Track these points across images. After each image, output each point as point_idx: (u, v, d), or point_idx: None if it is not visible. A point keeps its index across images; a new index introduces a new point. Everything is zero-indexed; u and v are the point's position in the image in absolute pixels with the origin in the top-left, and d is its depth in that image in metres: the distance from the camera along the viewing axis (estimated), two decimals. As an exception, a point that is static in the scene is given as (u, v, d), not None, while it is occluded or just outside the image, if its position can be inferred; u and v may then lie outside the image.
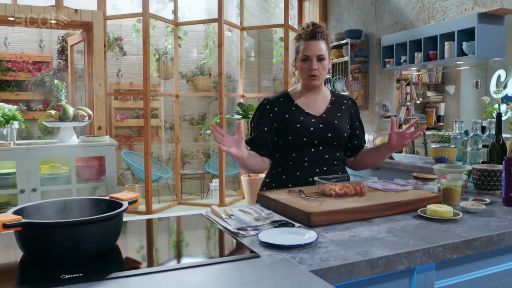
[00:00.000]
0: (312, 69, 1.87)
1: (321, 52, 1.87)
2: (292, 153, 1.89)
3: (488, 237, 1.29)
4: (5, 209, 3.06)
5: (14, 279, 1.05)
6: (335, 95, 2.04)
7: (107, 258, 1.13)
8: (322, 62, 1.88)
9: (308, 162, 1.89)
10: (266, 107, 1.98)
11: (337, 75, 4.96)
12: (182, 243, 1.34)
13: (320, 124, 1.89)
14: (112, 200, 1.25)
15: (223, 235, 1.31)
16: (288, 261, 1.06)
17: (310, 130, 1.87)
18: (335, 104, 1.99)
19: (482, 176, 1.84)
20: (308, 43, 1.87)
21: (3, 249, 1.25)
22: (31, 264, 1.09)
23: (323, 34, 1.89)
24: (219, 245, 1.27)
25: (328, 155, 1.91)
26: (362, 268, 1.08)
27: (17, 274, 1.07)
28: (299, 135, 1.87)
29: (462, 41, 3.53)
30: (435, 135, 3.76)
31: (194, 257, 1.17)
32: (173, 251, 1.25)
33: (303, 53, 1.88)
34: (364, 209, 1.45)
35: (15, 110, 3.11)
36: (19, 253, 1.12)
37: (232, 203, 5.36)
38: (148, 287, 0.93)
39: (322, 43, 1.88)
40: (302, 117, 1.90)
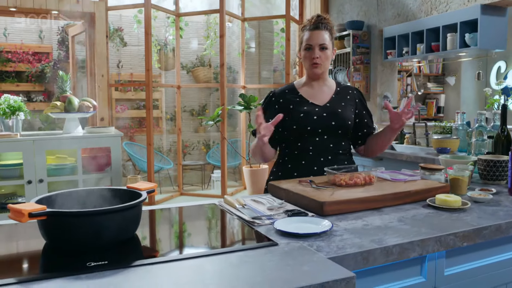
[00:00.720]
0: (314, 57, 1.91)
1: (324, 41, 1.90)
2: (297, 143, 1.93)
3: (496, 226, 1.32)
4: (12, 199, 3.08)
5: (37, 267, 1.08)
6: (340, 85, 2.07)
7: (128, 247, 1.15)
8: (325, 51, 1.91)
9: (312, 151, 1.92)
10: (272, 99, 2.02)
11: (339, 66, 4.98)
12: (200, 232, 1.37)
13: (324, 113, 1.92)
14: (130, 190, 1.28)
15: (239, 224, 1.34)
16: (306, 249, 1.09)
17: (313, 118, 1.90)
18: (339, 94, 2.01)
19: (487, 166, 1.87)
20: (311, 33, 1.91)
21: (24, 237, 1.28)
22: (54, 252, 1.12)
23: (327, 25, 1.93)
24: (236, 234, 1.30)
25: (333, 144, 1.93)
26: (377, 255, 1.11)
27: (41, 261, 1.10)
28: (303, 124, 1.90)
29: (465, 33, 3.55)
30: (437, 126, 3.79)
31: (213, 245, 1.20)
32: (192, 240, 1.28)
33: (306, 42, 1.92)
34: (375, 198, 1.48)
35: (20, 102, 3.12)
36: (37, 241, 1.15)
37: (233, 193, 5.39)
38: (170, 274, 0.95)
39: (325, 33, 1.91)
40: (306, 106, 1.93)
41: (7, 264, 1.08)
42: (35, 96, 6.59)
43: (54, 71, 6.57)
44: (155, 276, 0.94)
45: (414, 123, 4.12)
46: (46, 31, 6.63)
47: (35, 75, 6.50)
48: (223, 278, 0.93)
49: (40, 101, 6.60)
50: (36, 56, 6.57)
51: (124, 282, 0.91)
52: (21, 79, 6.54)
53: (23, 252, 1.20)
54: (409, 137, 4.10)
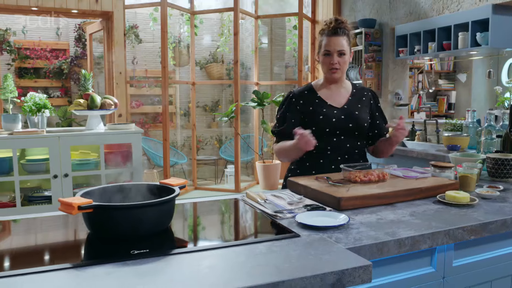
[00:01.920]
0: (333, 63, 2.00)
1: (342, 47, 1.98)
2: None
3: (502, 221, 1.42)
4: (38, 193, 3.23)
5: (85, 254, 1.20)
6: (356, 87, 2.16)
7: (163, 237, 1.27)
8: (343, 56, 2.00)
9: (330, 151, 2.02)
10: (292, 100, 2.11)
11: (351, 64, 5.05)
12: (227, 224, 1.48)
13: (342, 115, 2.02)
14: (163, 185, 1.40)
15: (263, 217, 1.45)
16: (325, 240, 1.20)
17: (332, 121, 2.00)
18: (355, 96, 2.11)
19: (496, 164, 1.96)
20: (329, 39, 1.99)
21: (65, 228, 1.41)
22: (97, 241, 1.24)
23: (345, 30, 2.01)
24: (262, 226, 1.41)
25: (349, 144, 2.04)
26: (391, 246, 1.22)
27: (87, 249, 1.23)
28: (322, 126, 2.00)
29: (476, 32, 3.61)
30: (448, 124, 3.87)
31: (241, 236, 1.31)
32: (221, 231, 1.40)
33: (325, 48, 2.00)
34: (388, 194, 1.59)
35: (46, 99, 3.26)
36: (77, 231, 1.27)
37: (246, 188, 5.52)
38: (205, 261, 1.07)
39: (343, 39, 1.99)
40: (325, 109, 2.03)
41: (57, 251, 1.21)
42: (52, 92, 6.76)
43: (71, 67, 6.73)
44: (191, 263, 1.06)
45: (425, 120, 4.20)
46: (63, 28, 6.79)
47: (52, 72, 6.67)
48: (254, 264, 1.05)
49: (57, 96, 6.77)
50: (54, 52, 6.73)
51: (166, 267, 1.03)
52: (39, 75, 6.71)
53: (68, 240, 1.33)
54: (420, 134, 4.17)
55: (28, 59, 6.59)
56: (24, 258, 1.15)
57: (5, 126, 3.20)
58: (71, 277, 0.98)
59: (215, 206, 1.68)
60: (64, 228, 1.42)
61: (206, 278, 0.97)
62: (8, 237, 1.35)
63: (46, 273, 1.00)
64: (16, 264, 1.09)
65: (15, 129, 3.17)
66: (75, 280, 0.97)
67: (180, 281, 0.96)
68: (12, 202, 3.09)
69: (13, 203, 3.07)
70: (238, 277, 0.98)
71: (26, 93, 6.43)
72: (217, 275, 1.00)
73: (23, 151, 3.27)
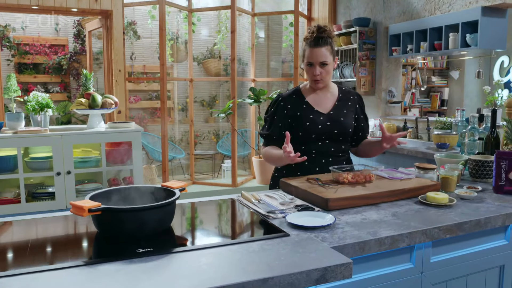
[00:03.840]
0: (316, 75, 2.07)
1: (324, 59, 2.05)
2: (301, 146, 2.11)
3: (476, 221, 1.55)
4: (42, 189, 3.34)
5: (94, 252, 1.32)
6: (342, 91, 2.24)
7: (165, 236, 1.39)
8: (325, 67, 2.07)
9: (315, 154, 2.12)
10: (281, 103, 2.17)
11: (346, 61, 5.16)
12: (223, 224, 1.61)
13: (328, 122, 2.11)
14: (165, 188, 1.52)
15: (256, 217, 1.57)
16: (313, 239, 1.33)
17: (318, 127, 2.09)
18: (342, 101, 2.19)
19: (476, 166, 2.09)
20: (311, 50, 2.05)
21: (74, 228, 1.53)
22: (105, 240, 1.36)
23: (327, 39, 2.06)
24: (255, 226, 1.53)
25: (334, 148, 2.14)
26: (372, 245, 1.34)
27: (94, 248, 1.35)
28: (309, 131, 2.09)
29: (466, 33, 3.72)
30: (438, 122, 3.99)
31: (236, 235, 1.44)
32: (218, 230, 1.52)
33: (307, 60, 2.08)
34: (373, 195, 1.71)
35: (48, 98, 3.36)
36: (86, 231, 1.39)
37: (243, 182, 5.64)
38: (203, 259, 1.19)
39: (325, 49, 2.05)
40: (312, 115, 2.11)
41: (69, 249, 1.33)
42: (52, 87, 6.85)
43: (70, 63, 6.81)
44: (191, 260, 1.18)
45: (416, 118, 4.33)
46: (62, 24, 6.85)
47: (52, 67, 6.75)
48: (248, 261, 1.17)
49: (56, 92, 6.85)
50: (53, 48, 6.80)
51: (169, 265, 1.15)
52: (38, 71, 6.79)
53: (79, 239, 1.45)
54: (411, 132, 4.31)
55: (27, 55, 6.66)
56: (39, 256, 1.26)
57: (9, 124, 3.31)
58: (84, 273, 1.10)
59: (213, 206, 1.80)
60: (74, 228, 1.53)
61: (205, 274, 1.10)
62: (22, 236, 1.47)
63: (62, 270, 1.12)
64: (32, 261, 1.21)
65: (18, 127, 3.28)
66: (88, 276, 1.09)
67: (182, 277, 1.08)
68: (17, 198, 3.21)
69: (18, 199, 3.19)
70: (233, 273, 1.10)
71: (26, 88, 6.56)
72: (215, 271, 1.12)
73: (27, 149, 3.39)
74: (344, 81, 5.23)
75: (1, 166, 3.17)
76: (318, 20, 5.80)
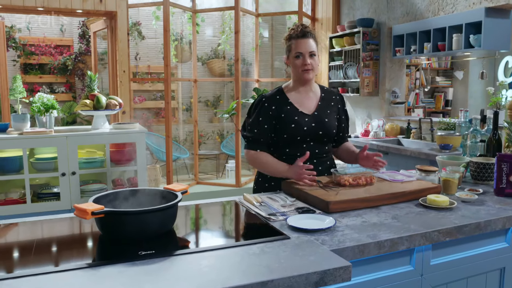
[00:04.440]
0: (306, 64, 2.06)
1: (312, 49, 2.06)
2: (285, 148, 2.10)
3: (476, 224, 1.55)
4: (47, 189, 3.38)
5: (98, 254, 1.34)
6: (324, 90, 2.22)
7: (167, 238, 1.41)
8: (314, 57, 2.08)
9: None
10: (265, 105, 2.11)
11: (349, 62, 5.16)
12: (225, 226, 1.63)
13: (312, 123, 2.09)
14: (167, 191, 1.54)
15: (257, 219, 1.59)
16: (312, 242, 1.34)
17: (303, 129, 2.07)
18: (324, 101, 2.18)
19: (478, 168, 2.10)
20: (300, 41, 2.06)
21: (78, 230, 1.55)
22: (108, 242, 1.38)
23: (312, 34, 2.09)
24: (256, 228, 1.55)
25: (318, 150, 2.12)
26: (371, 248, 1.36)
27: (98, 250, 1.37)
28: (293, 133, 2.07)
29: (470, 34, 3.71)
30: (442, 122, 3.99)
31: (237, 238, 1.45)
32: (220, 233, 1.54)
33: (296, 50, 2.06)
34: (374, 198, 1.72)
35: (53, 100, 3.39)
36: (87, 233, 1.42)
37: (247, 183, 5.66)
38: (204, 261, 1.21)
39: (312, 41, 2.08)
40: (296, 116, 2.08)
41: (73, 251, 1.35)
42: (57, 88, 6.90)
43: (75, 63, 6.86)
44: (192, 262, 1.20)
45: (420, 119, 4.33)
46: (67, 25, 6.90)
47: (57, 68, 6.79)
48: (248, 264, 1.19)
49: (62, 92, 6.90)
50: (58, 49, 6.85)
51: (171, 267, 1.17)
52: (44, 71, 6.84)
53: (83, 241, 1.47)
54: (415, 132, 4.31)
55: (33, 55, 6.71)
56: (43, 258, 1.29)
57: (14, 125, 3.34)
58: (88, 276, 1.13)
59: (215, 208, 1.82)
60: (79, 229, 1.56)
61: (206, 276, 1.12)
62: (27, 238, 1.50)
63: (65, 272, 1.14)
64: (37, 263, 1.23)
65: (24, 128, 3.32)
66: (91, 278, 1.11)
67: (183, 279, 1.10)
68: (22, 198, 3.24)
69: (23, 200, 3.22)
70: (234, 276, 1.12)
71: (31, 88, 6.61)
72: (216, 273, 1.14)
73: (33, 150, 3.42)
74: (348, 81, 5.23)
75: (7, 167, 3.21)
76: (321, 20, 5.81)
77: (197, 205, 1.82)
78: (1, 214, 3.08)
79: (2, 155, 3.23)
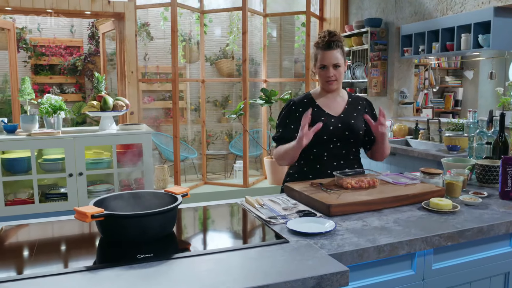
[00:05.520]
0: (329, 76, 2.12)
1: (337, 61, 2.11)
2: (313, 148, 2.13)
3: (479, 228, 1.54)
4: (54, 190, 3.41)
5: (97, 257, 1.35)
6: (352, 96, 2.29)
7: (167, 241, 1.42)
8: (338, 69, 2.13)
9: (327, 157, 2.15)
10: (292, 107, 2.22)
11: (357, 62, 5.14)
12: (225, 229, 1.63)
13: (339, 124, 2.14)
14: (168, 193, 1.54)
15: (258, 222, 1.59)
16: (311, 246, 1.34)
17: (329, 129, 2.12)
18: (351, 105, 2.23)
19: (483, 171, 2.07)
20: (324, 53, 2.11)
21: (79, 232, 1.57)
22: (108, 245, 1.39)
23: (338, 42, 2.12)
24: (255, 232, 1.55)
25: (345, 150, 2.16)
26: (370, 252, 1.35)
27: (97, 253, 1.38)
28: (320, 133, 2.10)
29: (478, 34, 3.67)
30: (450, 123, 3.95)
31: (236, 242, 1.45)
32: (218, 236, 1.54)
33: (321, 62, 2.13)
34: (375, 201, 1.71)
35: (61, 101, 3.43)
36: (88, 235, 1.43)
37: (255, 183, 5.66)
38: (202, 265, 1.21)
39: (337, 52, 2.11)
40: (323, 117, 2.15)
41: (73, 253, 1.37)
42: (67, 88, 6.96)
43: (85, 64, 6.92)
44: (190, 266, 1.20)
45: (428, 119, 4.29)
46: (77, 26, 6.96)
47: (67, 68, 6.86)
48: (246, 268, 1.19)
49: (72, 92, 6.96)
50: (68, 50, 6.92)
51: (168, 271, 1.18)
52: (54, 72, 6.91)
53: (83, 243, 1.49)
54: (423, 133, 4.27)
55: (43, 56, 6.78)
56: (44, 260, 1.30)
57: (23, 126, 3.38)
58: (86, 279, 1.14)
59: (216, 211, 1.82)
60: (80, 232, 1.57)
61: (202, 281, 1.12)
62: (28, 239, 1.51)
63: (64, 275, 1.15)
64: (36, 266, 1.24)
65: (32, 129, 3.35)
66: (89, 282, 1.12)
67: (180, 283, 1.10)
68: (30, 199, 3.28)
69: (31, 200, 3.26)
70: (231, 280, 1.12)
71: (42, 89, 6.68)
72: (214, 278, 1.14)
73: (41, 151, 3.46)
74: (356, 81, 5.20)
75: (16, 168, 3.25)
76: (330, 20, 5.78)
77: (199, 207, 1.83)
78: (10, 214, 3.12)
79: (11, 155, 3.28)
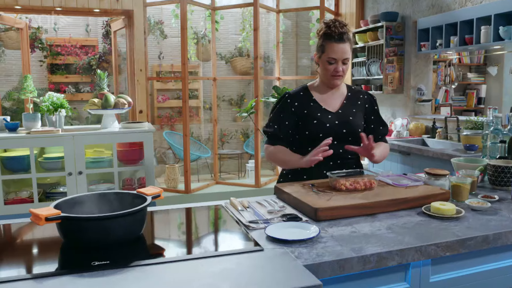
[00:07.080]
0: (338, 71, 1.97)
1: (347, 56, 1.96)
2: (308, 147, 1.99)
3: (483, 237, 1.36)
4: (55, 189, 3.36)
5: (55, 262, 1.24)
6: (352, 90, 2.12)
7: (133, 247, 1.30)
8: (346, 64, 1.98)
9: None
10: (288, 101, 2.07)
11: (372, 58, 4.93)
12: (198, 234, 1.50)
13: (336, 121, 1.99)
14: (138, 194, 1.43)
15: (236, 227, 1.45)
16: (287, 255, 1.19)
17: (326, 126, 1.97)
18: (350, 100, 2.07)
19: (496, 172, 1.88)
20: (335, 46, 1.93)
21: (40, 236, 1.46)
22: (69, 249, 1.28)
23: (348, 35, 1.97)
24: (230, 238, 1.41)
25: (343, 150, 1.98)
26: (354, 263, 1.20)
27: (59, 258, 1.27)
28: (316, 131, 1.97)
29: (499, 25, 3.44)
30: (469, 121, 3.73)
31: (206, 249, 1.32)
32: (190, 242, 1.41)
33: (330, 55, 1.94)
34: (369, 205, 1.55)
35: (63, 99, 3.37)
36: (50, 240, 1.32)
37: (267, 183, 5.52)
38: (163, 275, 1.09)
39: (348, 45, 1.96)
40: (319, 113, 2.00)
41: (30, 259, 1.26)
42: (82, 87, 6.98)
43: (100, 63, 6.92)
44: (148, 276, 1.08)
45: (446, 118, 4.06)
46: (92, 25, 6.97)
47: (82, 67, 6.88)
48: (209, 279, 1.05)
49: (87, 91, 6.98)
50: (83, 49, 6.93)
51: (121, 281, 1.05)
52: (69, 71, 6.94)
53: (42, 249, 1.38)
54: (441, 131, 4.05)
55: (59, 56, 6.82)
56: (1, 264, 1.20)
57: (25, 124, 3.34)
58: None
59: (195, 214, 1.69)
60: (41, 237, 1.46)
61: (154, 293, 0.99)
62: (-8, 242, 1.42)
63: (6, 284, 1.05)
64: (-15, 272, 1.15)
65: (34, 127, 3.31)
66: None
67: (127, 297, 0.98)
68: (30, 198, 3.24)
69: (31, 199, 3.22)
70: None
71: (58, 88, 6.71)
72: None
73: (42, 149, 3.41)
74: (371, 78, 5.00)
75: (16, 166, 3.21)
76: (345, 15, 5.59)
77: (180, 209, 1.70)
78: (9, 213, 3.08)
79: (11, 154, 3.24)
